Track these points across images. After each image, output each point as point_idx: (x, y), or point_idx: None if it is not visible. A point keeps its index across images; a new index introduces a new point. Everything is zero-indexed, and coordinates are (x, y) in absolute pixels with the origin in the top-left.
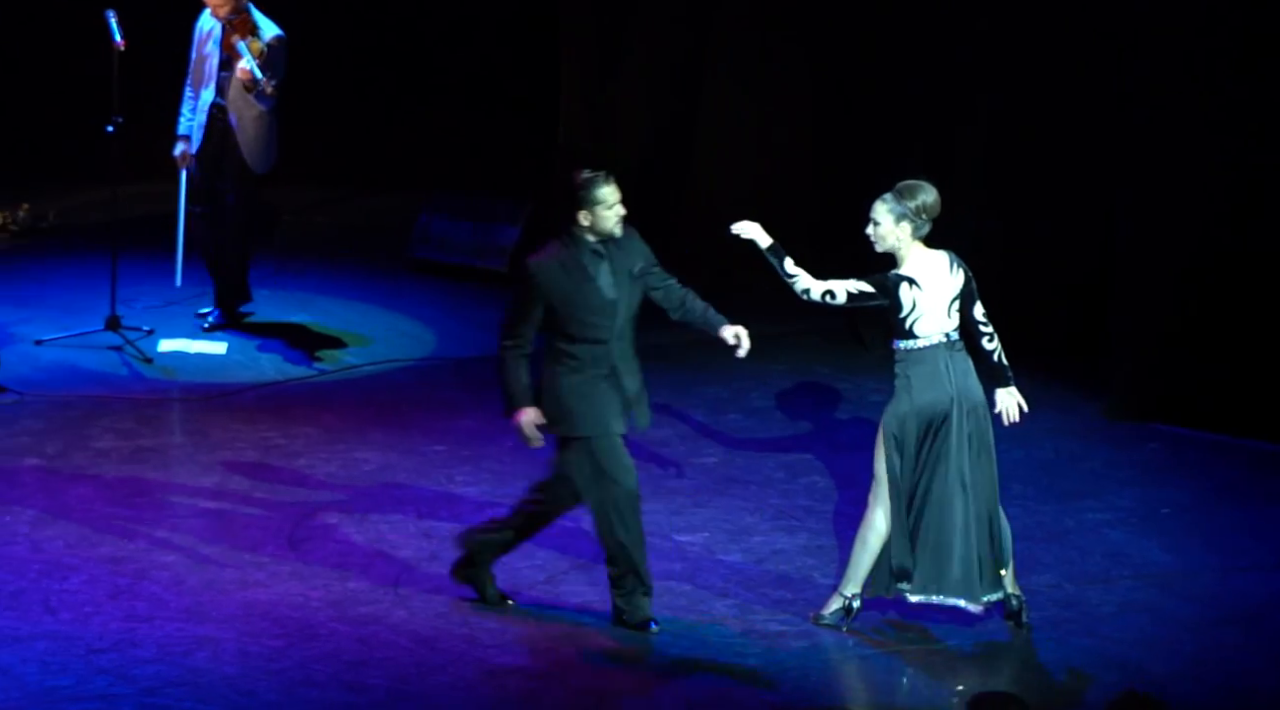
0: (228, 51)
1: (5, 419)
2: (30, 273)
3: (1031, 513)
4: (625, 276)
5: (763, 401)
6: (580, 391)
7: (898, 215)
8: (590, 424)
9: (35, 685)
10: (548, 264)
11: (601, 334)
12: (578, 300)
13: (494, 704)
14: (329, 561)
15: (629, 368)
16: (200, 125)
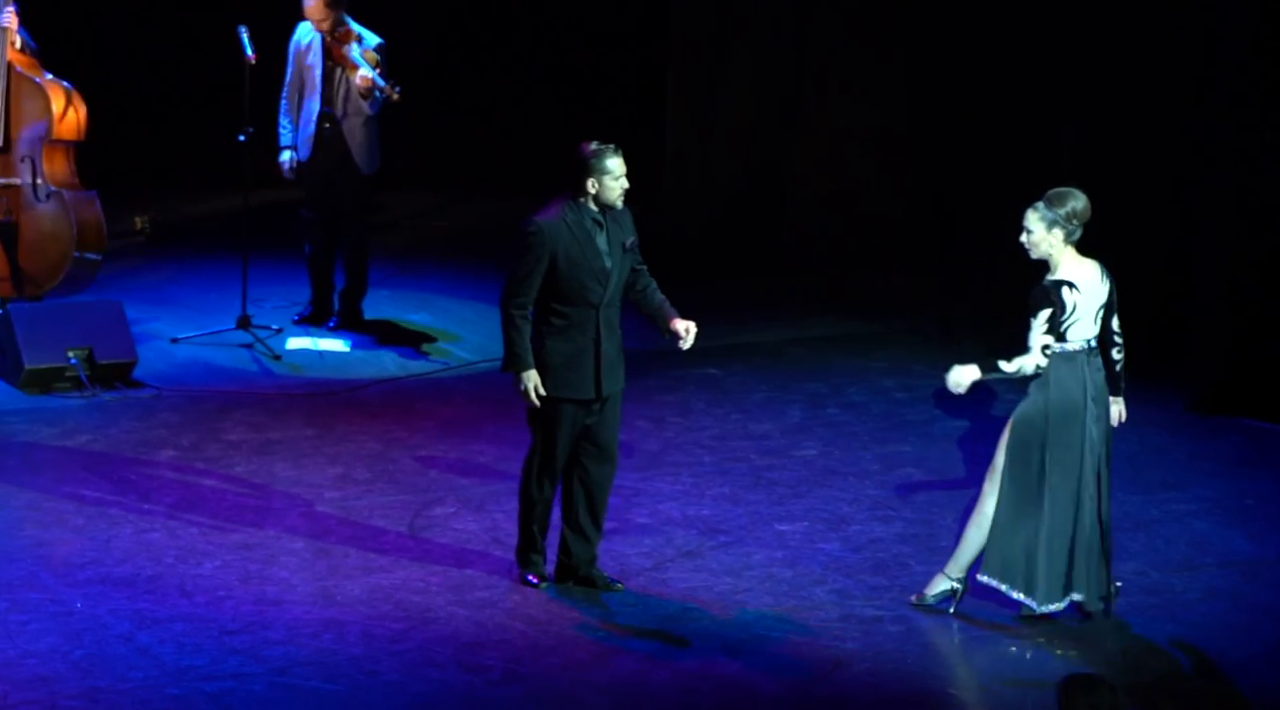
0: (337, 61)
1: (143, 413)
2: (166, 275)
3: (1118, 503)
4: (619, 247)
5: (860, 396)
6: (563, 354)
7: (1049, 222)
8: (557, 386)
9: (172, 665)
10: (556, 223)
11: (594, 298)
12: (580, 262)
13: (603, 685)
14: (447, 548)
15: (611, 334)
16: (309, 136)
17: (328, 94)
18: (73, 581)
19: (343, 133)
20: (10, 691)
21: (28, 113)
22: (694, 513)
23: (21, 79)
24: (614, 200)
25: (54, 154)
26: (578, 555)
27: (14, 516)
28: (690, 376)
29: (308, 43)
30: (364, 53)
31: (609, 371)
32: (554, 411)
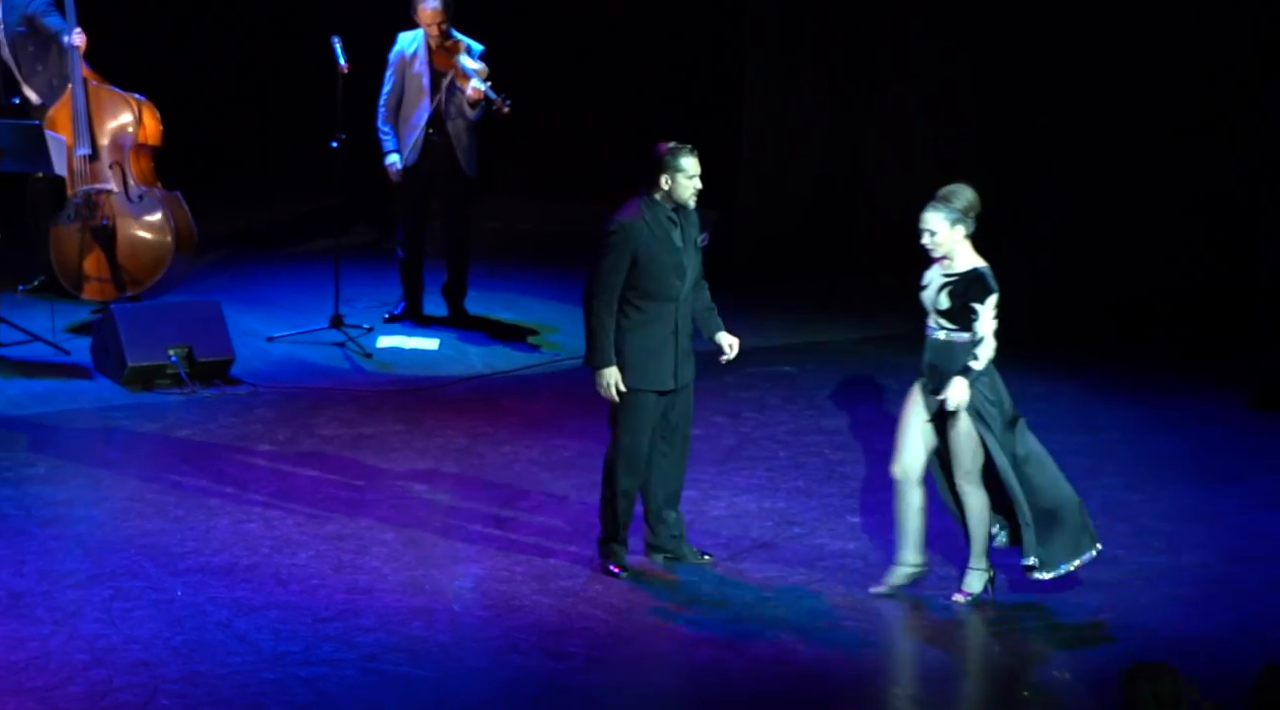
0: (444, 69)
1: (240, 409)
2: (263, 276)
3: (1182, 496)
4: (692, 244)
5: None
6: (644, 347)
7: (952, 220)
8: (639, 378)
9: (268, 650)
10: (636, 222)
11: (673, 293)
12: (659, 259)
13: (682, 672)
14: (532, 539)
15: (686, 327)
16: (416, 141)
17: (434, 101)
18: (174, 570)
19: (449, 138)
20: (114, 675)
21: (111, 122)
22: (769, 505)
23: (100, 90)
24: (686, 199)
25: (139, 159)
26: (664, 536)
27: (118, 508)
28: (765, 374)
29: (413, 51)
30: (478, 69)
31: (684, 362)
32: (636, 403)
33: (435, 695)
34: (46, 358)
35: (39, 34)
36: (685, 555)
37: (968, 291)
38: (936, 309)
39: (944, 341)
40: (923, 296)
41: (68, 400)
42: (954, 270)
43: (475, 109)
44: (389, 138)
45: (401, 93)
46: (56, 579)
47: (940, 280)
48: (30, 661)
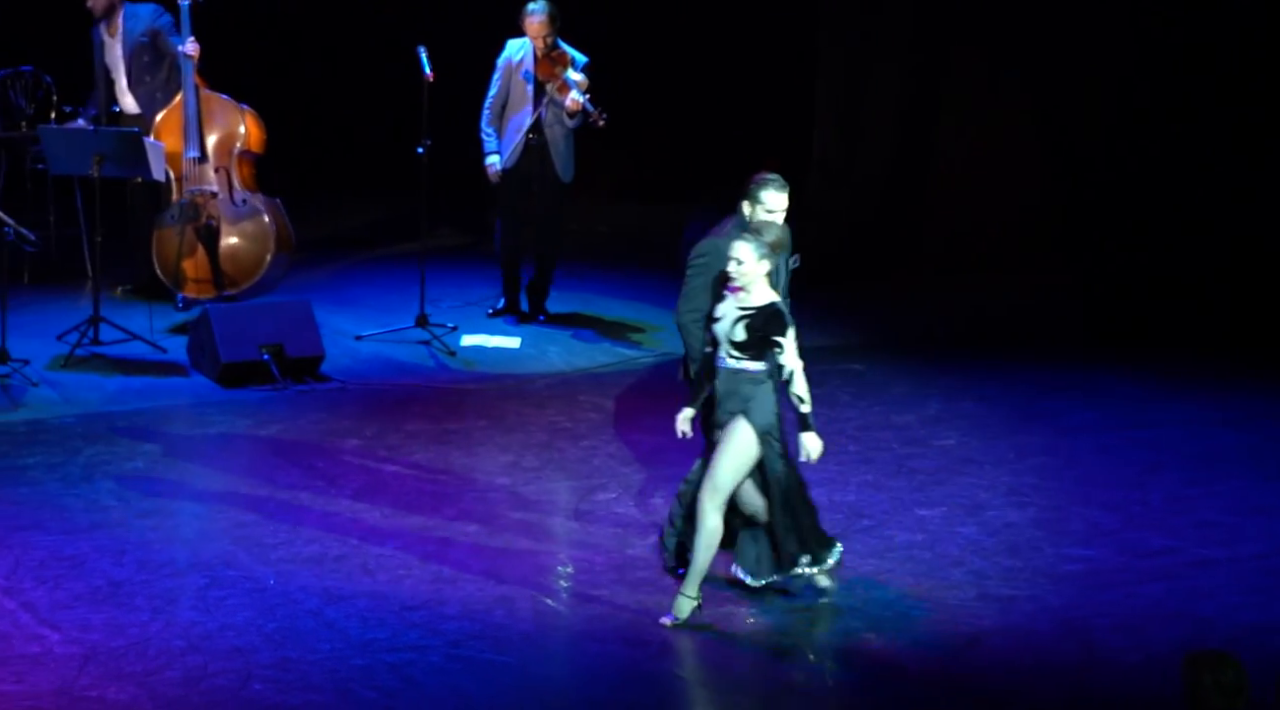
0: (547, 78)
1: (330, 405)
2: (352, 277)
3: (1241, 489)
4: (785, 267)
5: (994, 390)
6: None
7: (760, 254)
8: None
9: (356, 637)
10: (722, 243)
11: None
12: None
13: (756, 658)
14: (609, 531)
15: None
16: (516, 145)
17: (536, 108)
18: (266, 560)
19: (546, 143)
20: (210, 661)
21: (220, 128)
22: (840, 498)
23: (210, 98)
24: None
25: (243, 165)
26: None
27: (213, 500)
28: (835, 371)
29: (519, 58)
30: (580, 82)
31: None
32: None
33: (517, 681)
34: (145, 356)
35: (158, 48)
36: None
37: (766, 325)
38: (731, 340)
39: (734, 370)
40: (715, 329)
41: (165, 396)
42: (750, 304)
43: (574, 118)
44: (491, 139)
45: (506, 97)
46: (154, 568)
47: (736, 313)
48: (130, 647)
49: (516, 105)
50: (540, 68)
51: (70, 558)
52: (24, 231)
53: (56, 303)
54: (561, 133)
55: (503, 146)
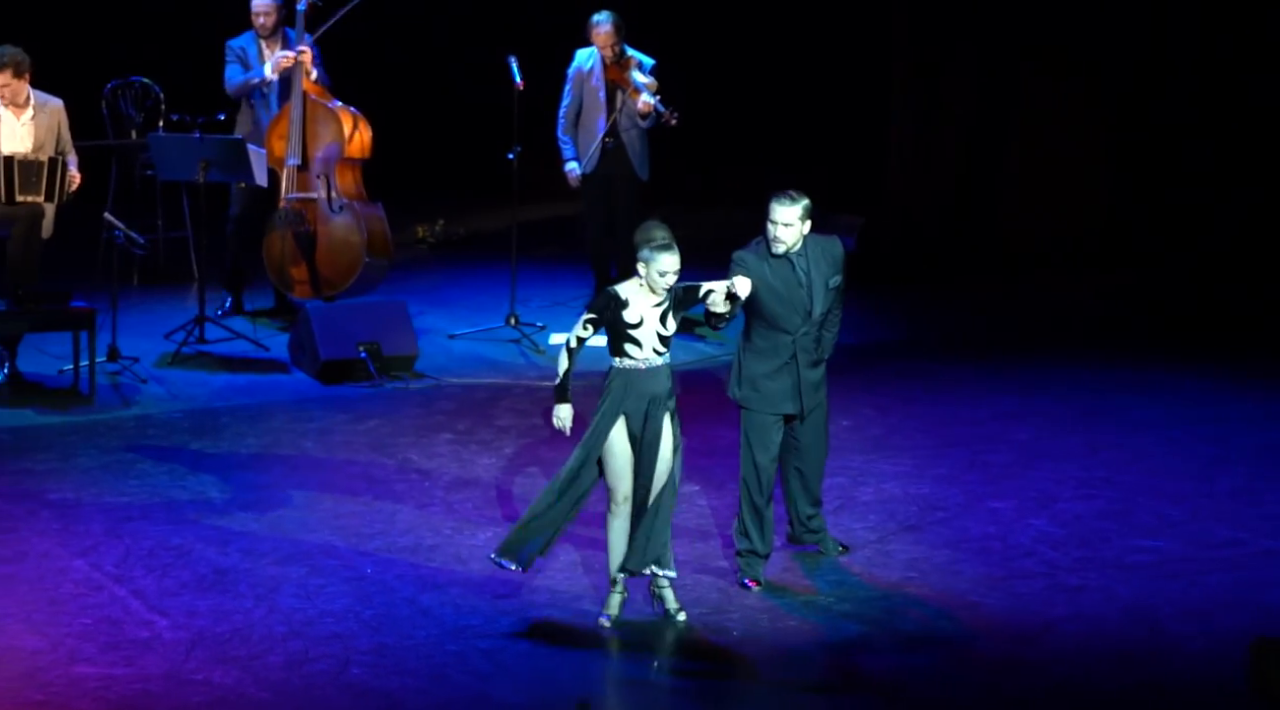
0: (618, 83)
1: (424, 401)
2: (445, 278)
3: None
4: (821, 283)
5: (1065, 386)
6: (764, 373)
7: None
8: (754, 401)
9: (451, 624)
10: (752, 256)
11: (789, 326)
12: (776, 291)
13: (832, 645)
14: (692, 522)
15: (807, 358)
16: (595, 149)
17: (610, 112)
18: (363, 549)
19: (624, 146)
20: (310, 646)
21: (323, 135)
22: (914, 491)
23: (316, 106)
24: (770, 240)
25: (345, 171)
26: (803, 533)
27: (312, 492)
28: (911, 367)
29: (590, 67)
30: (648, 83)
31: (808, 390)
32: (757, 423)
33: (604, 667)
34: (248, 354)
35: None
36: (826, 549)
37: (687, 296)
38: (661, 336)
39: (655, 367)
40: (636, 334)
41: (267, 393)
42: (662, 298)
43: (646, 119)
44: (568, 146)
45: (580, 105)
46: (257, 557)
47: (657, 311)
48: (234, 633)
49: (591, 112)
50: (610, 73)
51: (177, 547)
52: (133, 235)
53: (164, 303)
54: (637, 134)
55: (581, 152)
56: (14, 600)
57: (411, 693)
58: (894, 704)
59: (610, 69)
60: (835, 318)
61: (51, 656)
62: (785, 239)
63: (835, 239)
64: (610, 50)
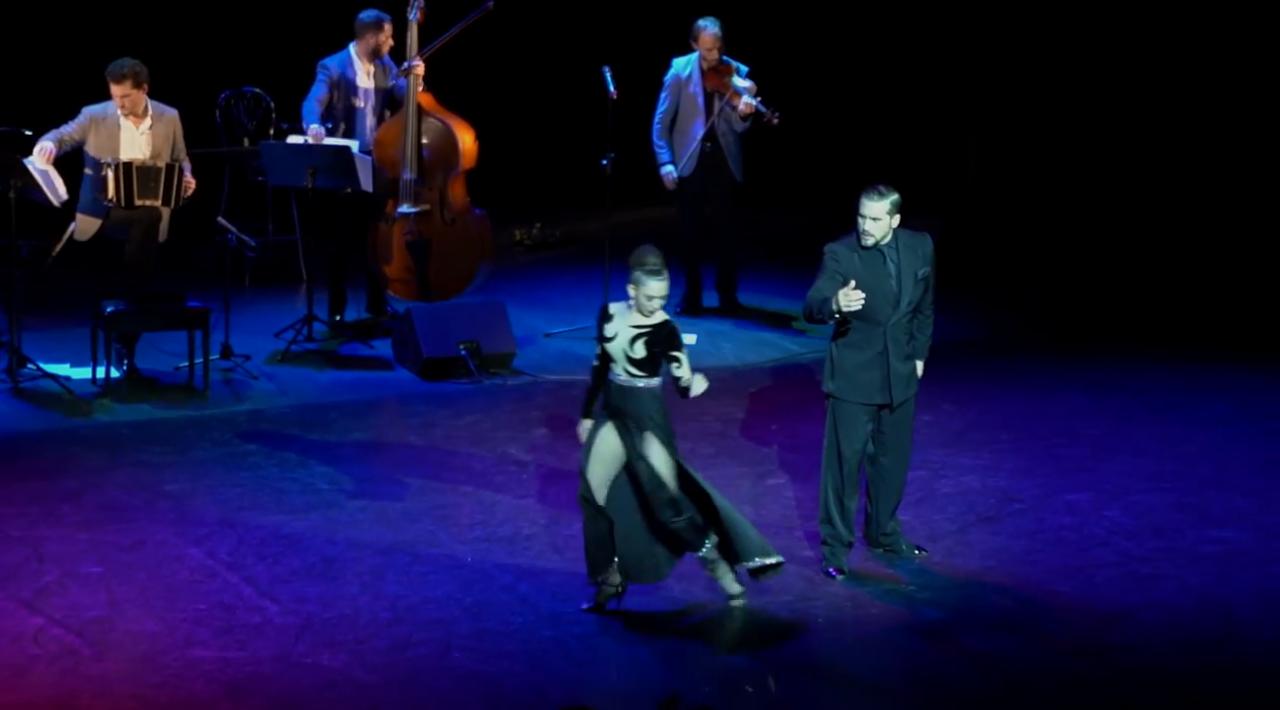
0: (716, 89)
1: (521, 396)
2: (543, 279)
3: None
4: (910, 274)
5: (1140, 383)
6: (855, 363)
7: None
8: (846, 391)
9: (547, 611)
10: (843, 249)
11: (881, 317)
12: (867, 284)
13: (915, 632)
14: (779, 514)
15: (899, 350)
16: (692, 153)
17: (708, 117)
18: (464, 539)
19: (721, 149)
20: (413, 631)
21: (436, 148)
22: (993, 483)
23: (429, 118)
24: (860, 234)
25: (456, 183)
26: (877, 533)
27: (415, 484)
28: (989, 364)
29: (688, 73)
30: (749, 86)
31: (897, 382)
32: (845, 413)
33: (692, 652)
34: (354, 352)
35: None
36: (902, 551)
37: (668, 341)
38: (629, 357)
39: (628, 387)
40: (610, 347)
41: (372, 389)
42: (645, 323)
43: (746, 121)
44: (664, 150)
45: (677, 111)
46: (363, 546)
47: (632, 331)
48: (341, 618)
49: (688, 117)
50: (709, 79)
51: (287, 536)
52: (245, 238)
53: (274, 303)
54: (733, 138)
55: (677, 157)
56: (133, 587)
57: (510, 676)
58: (976, 688)
59: (709, 75)
60: (927, 315)
61: (169, 640)
62: (874, 232)
63: (926, 235)
64: (713, 55)
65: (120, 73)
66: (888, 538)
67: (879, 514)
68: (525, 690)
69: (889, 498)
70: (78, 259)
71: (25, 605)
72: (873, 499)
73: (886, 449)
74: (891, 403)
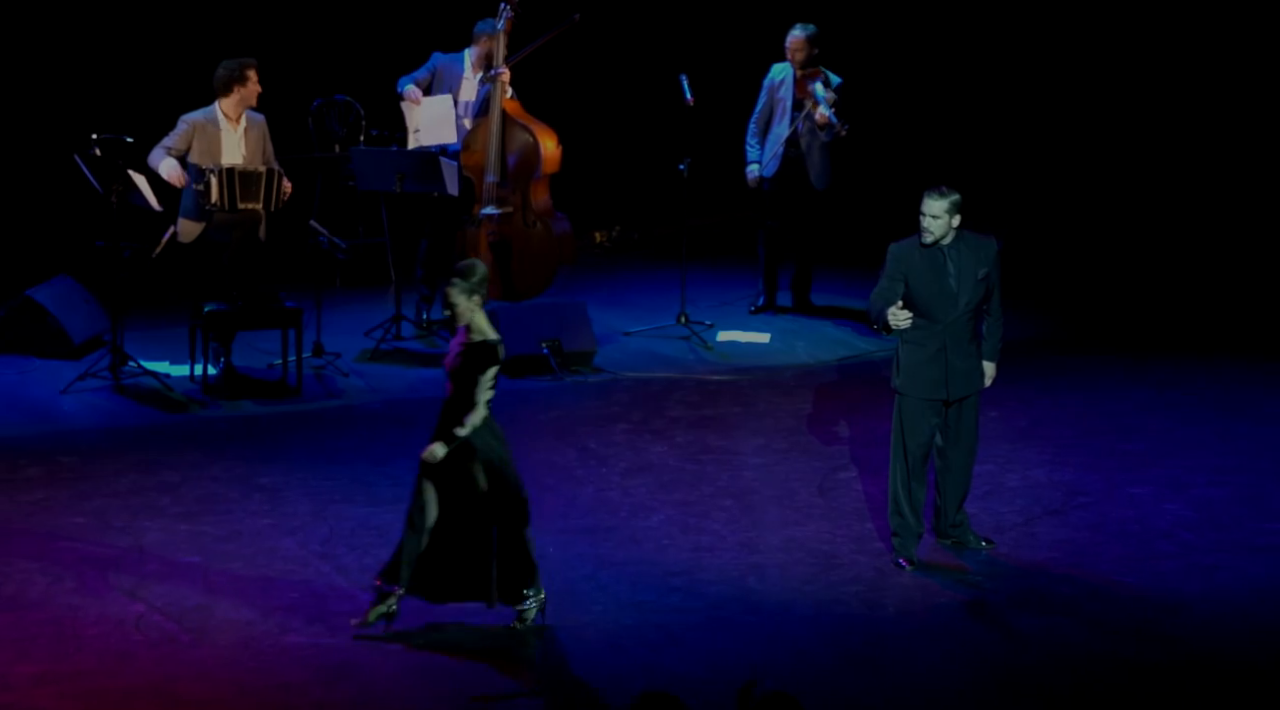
0: (804, 96)
1: (601, 393)
2: (621, 279)
3: None
4: (970, 274)
5: (1202, 380)
6: (916, 359)
7: (469, 292)
8: (908, 387)
9: (626, 599)
10: (905, 249)
11: (940, 315)
12: (928, 284)
13: (982, 620)
14: (850, 506)
15: (960, 348)
16: (776, 155)
17: (794, 122)
18: (546, 530)
19: (803, 155)
20: (495, 619)
21: (520, 153)
22: (1058, 477)
23: (514, 123)
24: (922, 233)
25: (539, 187)
26: (945, 524)
27: None
28: (1054, 361)
29: (780, 79)
30: (828, 96)
31: (956, 377)
32: (909, 407)
33: (768, 639)
34: (441, 350)
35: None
36: (969, 542)
37: (477, 360)
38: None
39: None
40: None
41: None
42: (472, 339)
43: (825, 131)
44: (752, 149)
45: (770, 114)
46: None
47: (458, 349)
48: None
49: (777, 120)
50: (798, 87)
51: (376, 528)
52: (336, 240)
53: (363, 303)
54: (816, 146)
55: (764, 157)
56: (229, 576)
57: (591, 662)
58: (1043, 675)
59: (799, 82)
60: (996, 318)
61: (263, 627)
62: (933, 230)
63: (991, 239)
64: (796, 58)
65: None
66: (955, 529)
67: (947, 506)
68: (606, 677)
69: (956, 490)
70: (177, 261)
71: (127, 593)
72: (941, 492)
73: (953, 443)
74: (948, 397)
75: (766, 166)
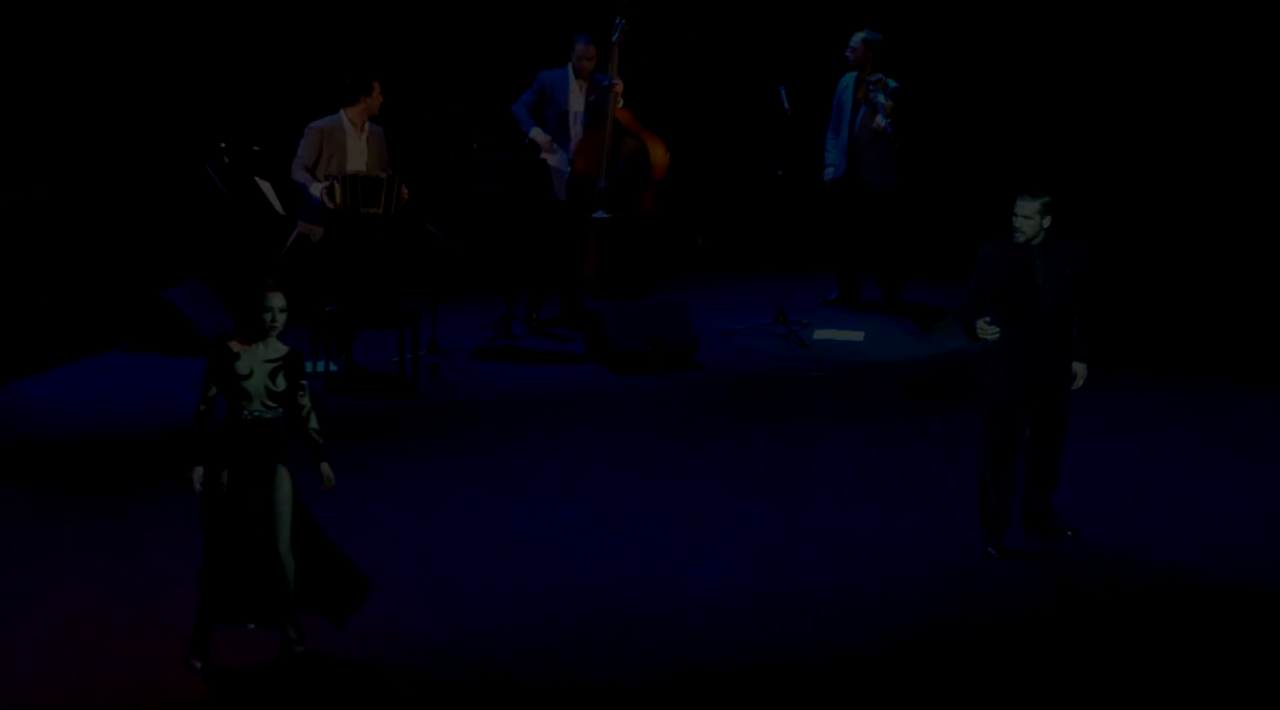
0: (863, 100)
1: (703, 388)
2: (721, 279)
3: None
4: (1056, 274)
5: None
6: (1006, 354)
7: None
8: (996, 379)
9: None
10: (995, 251)
11: (1026, 311)
12: (1015, 284)
13: (1071, 607)
14: (943, 497)
15: (1048, 344)
16: (842, 159)
17: (854, 125)
18: (651, 520)
19: (859, 157)
20: (603, 605)
21: (631, 161)
22: (1144, 469)
23: (625, 132)
24: (1014, 233)
25: (649, 193)
26: (1033, 514)
27: (604, 466)
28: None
29: (844, 84)
30: (885, 105)
31: (1043, 373)
32: (999, 400)
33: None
34: (549, 347)
35: None
36: (1056, 531)
37: (299, 370)
38: (269, 390)
39: (269, 421)
40: (246, 385)
41: (566, 382)
42: (277, 354)
43: (882, 138)
44: (827, 153)
45: (840, 119)
46: (558, 526)
47: (266, 366)
48: (538, 594)
49: (844, 123)
50: (859, 91)
51: (489, 518)
52: (451, 243)
53: (476, 303)
54: (874, 148)
55: (836, 160)
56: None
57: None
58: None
59: (860, 87)
60: (1088, 318)
61: (383, 612)
62: (1024, 230)
63: (1080, 242)
64: (856, 57)
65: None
66: (1043, 519)
67: (1034, 496)
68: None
69: (1044, 482)
70: (299, 263)
71: None
72: (1029, 482)
73: (1042, 436)
74: (1036, 391)
75: (836, 170)
